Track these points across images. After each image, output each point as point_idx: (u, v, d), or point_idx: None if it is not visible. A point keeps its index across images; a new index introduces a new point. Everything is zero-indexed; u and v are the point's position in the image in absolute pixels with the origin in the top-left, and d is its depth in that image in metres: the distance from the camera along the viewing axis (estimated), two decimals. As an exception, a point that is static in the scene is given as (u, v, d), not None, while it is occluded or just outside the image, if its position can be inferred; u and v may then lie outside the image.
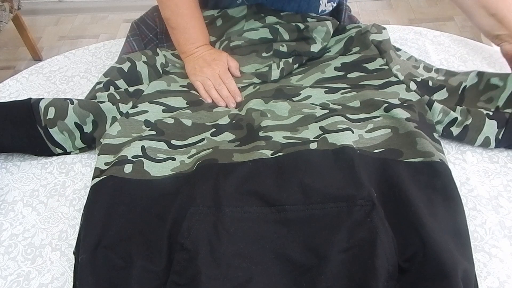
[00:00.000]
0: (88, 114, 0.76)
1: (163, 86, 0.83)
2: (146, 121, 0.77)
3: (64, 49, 2.29)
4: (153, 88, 0.82)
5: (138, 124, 0.76)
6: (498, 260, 0.59)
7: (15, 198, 0.72)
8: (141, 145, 0.71)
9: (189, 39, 0.87)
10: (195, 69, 0.85)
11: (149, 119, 0.77)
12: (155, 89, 0.82)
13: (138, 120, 0.77)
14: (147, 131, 0.75)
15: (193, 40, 0.87)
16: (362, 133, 0.71)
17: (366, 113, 0.75)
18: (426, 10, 2.44)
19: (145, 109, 0.78)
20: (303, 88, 0.81)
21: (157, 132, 0.74)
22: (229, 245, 0.57)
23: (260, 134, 0.72)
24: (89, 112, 0.76)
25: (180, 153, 0.72)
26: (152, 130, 0.75)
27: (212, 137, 0.74)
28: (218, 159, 0.68)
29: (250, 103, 0.79)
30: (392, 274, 0.54)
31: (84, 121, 0.76)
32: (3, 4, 1.87)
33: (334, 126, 0.71)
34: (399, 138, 0.70)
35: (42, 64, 0.99)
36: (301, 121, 0.74)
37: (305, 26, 0.88)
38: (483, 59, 0.92)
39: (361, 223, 0.57)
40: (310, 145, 0.68)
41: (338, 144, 0.67)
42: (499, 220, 0.64)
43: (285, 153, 0.68)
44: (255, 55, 0.88)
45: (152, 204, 0.64)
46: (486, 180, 0.69)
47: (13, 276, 0.62)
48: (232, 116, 0.78)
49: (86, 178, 0.74)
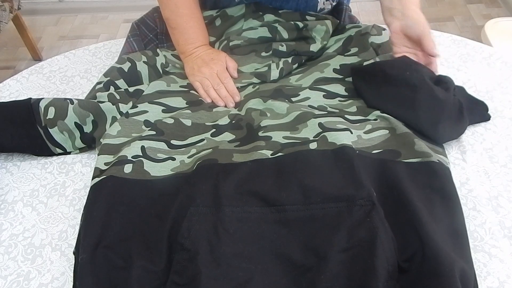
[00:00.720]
0: (88, 114, 0.76)
1: (163, 86, 0.83)
2: (146, 121, 0.77)
3: (64, 49, 2.29)
4: (153, 88, 0.82)
5: (138, 124, 0.76)
6: (498, 260, 0.59)
7: (15, 198, 0.72)
8: (141, 145, 0.71)
9: (188, 39, 0.87)
10: (193, 69, 0.85)
11: (149, 119, 0.77)
12: (155, 89, 0.82)
13: (138, 120, 0.77)
14: (147, 131, 0.75)
15: (192, 40, 0.87)
16: (360, 134, 0.71)
17: (362, 116, 0.75)
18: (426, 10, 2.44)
19: (145, 109, 0.78)
20: (302, 89, 0.81)
21: (157, 132, 0.74)
22: (229, 245, 0.57)
23: (260, 134, 0.72)
24: (89, 112, 0.76)
25: (180, 153, 0.72)
26: (152, 130, 0.75)
27: (212, 137, 0.74)
28: (218, 159, 0.68)
29: (249, 102, 0.79)
30: (392, 274, 0.54)
31: (84, 121, 0.76)
32: (3, 4, 1.87)
33: (333, 125, 0.71)
34: (397, 138, 0.70)
35: (42, 64, 0.99)
36: (300, 117, 0.74)
37: (304, 25, 0.88)
38: (483, 59, 0.92)
39: (361, 223, 0.57)
40: (310, 145, 0.68)
41: (338, 143, 0.67)
42: (499, 220, 0.64)
43: (285, 153, 0.68)
44: (254, 55, 0.88)
45: (152, 204, 0.64)
46: (486, 180, 0.69)
47: (13, 276, 0.62)
48: (232, 117, 0.78)
49: (86, 178, 0.74)
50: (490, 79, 0.87)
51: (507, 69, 0.88)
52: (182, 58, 0.88)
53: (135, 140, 0.73)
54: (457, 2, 2.46)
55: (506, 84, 0.85)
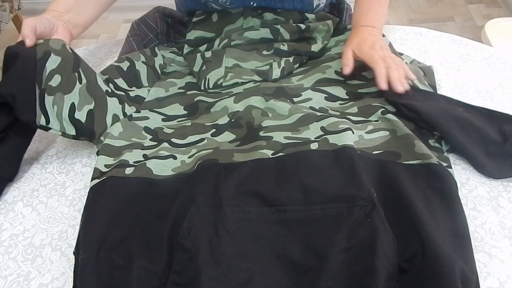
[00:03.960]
0: (91, 101, 0.73)
1: (161, 92, 0.84)
2: (146, 127, 0.77)
3: (64, 49, 2.29)
4: (152, 96, 0.83)
5: (138, 129, 0.76)
6: (498, 260, 0.59)
7: (15, 198, 0.72)
8: (143, 153, 0.72)
9: None
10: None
11: (149, 126, 0.78)
12: (154, 96, 0.83)
13: (139, 126, 0.77)
14: (147, 140, 0.75)
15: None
16: (362, 134, 0.71)
17: (364, 117, 0.75)
18: (426, 10, 2.44)
19: (146, 115, 0.79)
20: (304, 89, 0.81)
21: (158, 143, 0.75)
22: (229, 245, 0.57)
23: (261, 134, 0.72)
24: (92, 100, 0.73)
25: (180, 152, 0.72)
26: (152, 140, 0.75)
27: (212, 137, 0.74)
28: (219, 159, 0.68)
29: (251, 99, 0.78)
30: (392, 274, 0.54)
31: (81, 107, 0.72)
32: (3, 4, 1.87)
33: (335, 127, 0.71)
34: (397, 140, 0.70)
35: (42, 64, 0.99)
36: (302, 120, 0.74)
37: (306, 27, 0.88)
38: (483, 59, 0.92)
39: (361, 223, 0.57)
40: (311, 145, 0.68)
41: (339, 144, 0.67)
42: (499, 221, 0.64)
43: (285, 153, 0.68)
44: (255, 53, 0.88)
45: (152, 204, 0.64)
46: (486, 180, 0.69)
47: (13, 276, 0.62)
48: (231, 115, 0.77)
49: (86, 178, 0.74)
50: (490, 79, 0.87)
51: (507, 69, 0.88)
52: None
53: (137, 148, 0.73)
54: (457, 2, 2.46)
55: (506, 84, 0.85)
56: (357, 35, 0.83)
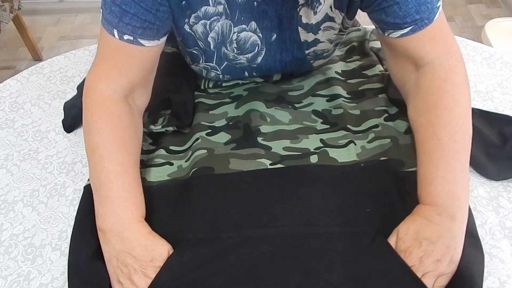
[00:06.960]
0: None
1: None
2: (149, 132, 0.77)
3: (64, 49, 2.29)
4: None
5: None
6: (498, 260, 0.59)
7: (15, 198, 0.72)
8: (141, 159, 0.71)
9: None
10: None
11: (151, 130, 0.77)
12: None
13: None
14: (147, 144, 0.75)
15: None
16: (364, 144, 0.71)
17: (366, 121, 0.75)
18: (426, 10, 2.43)
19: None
20: (304, 95, 0.81)
21: (157, 147, 0.75)
22: (225, 271, 0.56)
23: (259, 141, 0.72)
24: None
25: (178, 158, 0.72)
26: (152, 144, 0.75)
27: (207, 136, 0.74)
28: (214, 167, 0.67)
29: (251, 104, 0.78)
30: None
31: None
32: (3, 4, 1.87)
33: (335, 141, 0.71)
34: (399, 148, 0.70)
35: (42, 64, 0.99)
36: (301, 130, 0.74)
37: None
38: (483, 59, 0.92)
39: (365, 249, 0.57)
40: (311, 157, 0.68)
41: (339, 161, 0.67)
42: (499, 221, 0.64)
43: (285, 165, 0.67)
44: None
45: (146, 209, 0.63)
46: (486, 180, 0.69)
47: (13, 276, 0.62)
48: (229, 119, 0.77)
49: (86, 178, 0.74)
50: (490, 79, 0.87)
51: (507, 70, 0.88)
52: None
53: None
54: (457, 2, 2.46)
55: (506, 85, 0.85)
56: (411, 219, 0.58)
